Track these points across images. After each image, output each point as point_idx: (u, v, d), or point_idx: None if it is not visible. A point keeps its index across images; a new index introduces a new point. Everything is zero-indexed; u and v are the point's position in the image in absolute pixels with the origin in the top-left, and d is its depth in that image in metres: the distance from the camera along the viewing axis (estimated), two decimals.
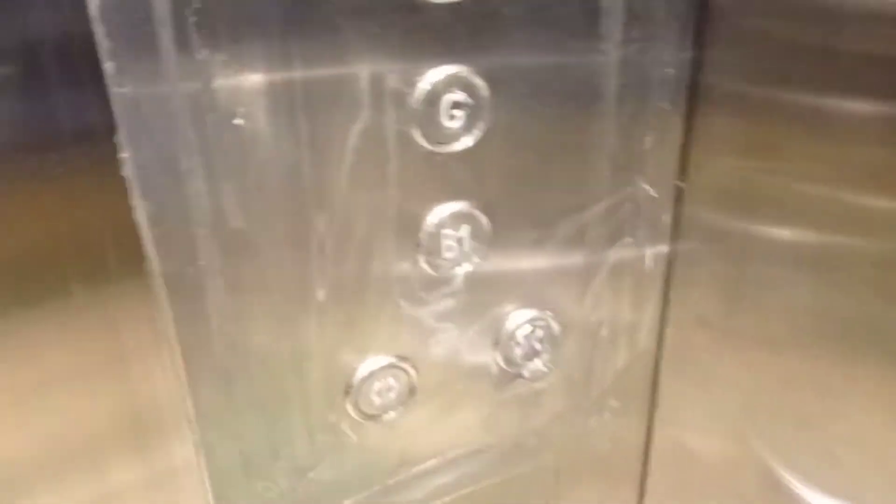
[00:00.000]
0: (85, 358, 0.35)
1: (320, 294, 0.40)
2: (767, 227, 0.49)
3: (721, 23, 0.44)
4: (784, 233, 0.48)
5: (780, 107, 0.45)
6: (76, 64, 0.30)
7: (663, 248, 0.51)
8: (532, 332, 0.48)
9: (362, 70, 0.36)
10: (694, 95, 0.46)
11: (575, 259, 0.48)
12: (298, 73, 0.34)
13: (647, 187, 0.48)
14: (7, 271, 0.33)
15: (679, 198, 0.50)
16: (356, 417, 0.44)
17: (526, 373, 0.49)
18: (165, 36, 0.31)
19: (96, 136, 0.32)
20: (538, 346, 0.49)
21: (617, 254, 0.49)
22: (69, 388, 0.36)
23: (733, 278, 0.51)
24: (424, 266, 0.42)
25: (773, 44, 0.44)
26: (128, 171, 0.32)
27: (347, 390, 0.43)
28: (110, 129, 0.32)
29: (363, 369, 0.43)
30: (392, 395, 0.44)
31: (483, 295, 0.45)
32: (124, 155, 0.32)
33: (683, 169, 0.49)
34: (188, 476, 0.41)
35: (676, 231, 0.51)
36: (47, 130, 0.31)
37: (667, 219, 0.50)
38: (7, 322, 0.33)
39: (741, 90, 0.46)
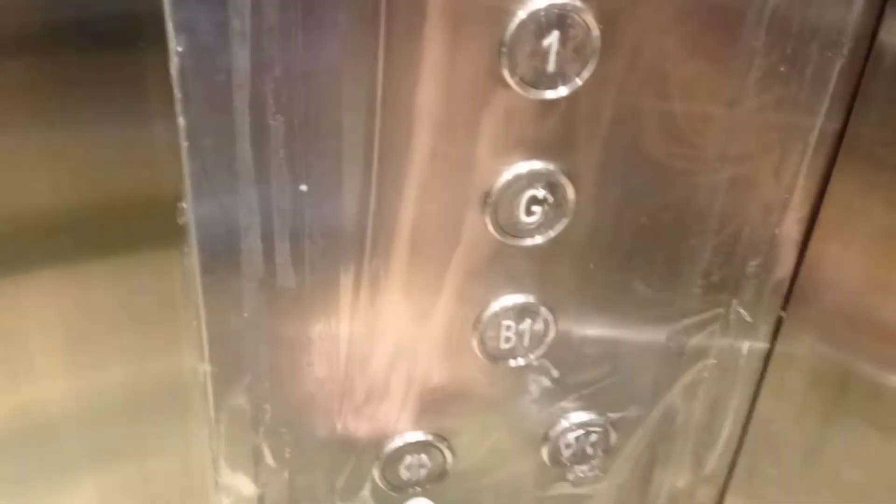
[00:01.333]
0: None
1: (364, 360, 0.39)
2: (872, 374, 0.44)
3: (850, 154, 0.39)
4: (891, 385, 0.43)
5: None
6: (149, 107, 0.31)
7: (751, 375, 0.47)
8: (586, 436, 0.45)
9: (442, 149, 0.34)
10: (812, 225, 0.42)
11: (648, 371, 0.44)
12: (373, 147, 0.33)
13: (742, 312, 0.44)
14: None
15: (778, 328, 0.45)
16: (380, 485, 0.43)
17: (570, 476, 0.46)
18: (239, 98, 0.31)
19: (160, 178, 0.32)
20: (590, 450, 0.46)
21: (697, 372, 0.45)
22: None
23: (822, 421, 0.46)
24: (478, 353, 0.40)
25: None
26: (186, 220, 0.33)
27: (378, 456, 0.42)
28: (175, 178, 0.32)
29: (397, 441, 0.42)
30: (423, 472, 0.43)
31: (537, 391, 0.43)
32: (183, 205, 0.32)
33: (788, 299, 0.44)
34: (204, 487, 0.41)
35: (769, 360, 0.46)
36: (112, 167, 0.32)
37: (760, 347, 0.46)
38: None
39: (864, 223, 0.41)
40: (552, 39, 0.32)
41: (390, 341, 0.39)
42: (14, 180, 0.31)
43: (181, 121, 0.31)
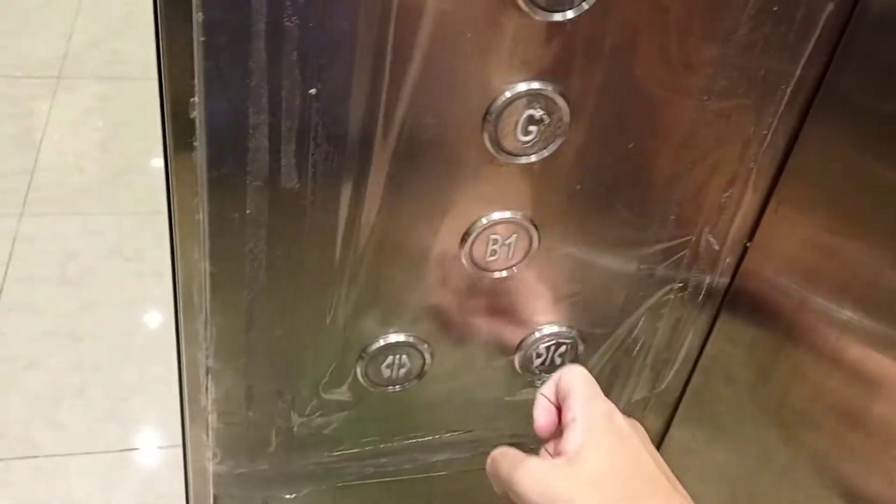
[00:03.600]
0: None
1: (356, 263, 0.41)
2: (825, 305, 0.47)
3: (828, 97, 0.41)
4: (840, 318, 0.46)
5: (870, 186, 0.43)
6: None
7: (713, 300, 0.50)
8: (556, 346, 0.48)
9: (450, 64, 0.35)
10: (785, 161, 0.44)
11: (619, 290, 0.47)
12: (385, 57, 0.34)
13: (711, 239, 0.46)
14: None
15: (743, 256, 0.48)
16: (363, 382, 0.45)
17: (538, 382, 0.49)
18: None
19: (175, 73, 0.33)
20: (558, 360, 0.49)
21: (663, 294, 0.48)
22: None
23: (775, 348, 0.49)
24: (465, 262, 0.42)
25: (877, 123, 0.41)
26: (196, 114, 0.34)
27: (361, 355, 0.44)
28: (188, 71, 0.33)
29: (381, 341, 0.44)
30: (402, 371, 0.45)
31: (516, 302, 0.45)
32: (194, 100, 0.33)
33: (755, 229, 0.47)
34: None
35: (730, 287, 0.49)
36: None
37: (725, 273, 0.48)
38: None
39: (833, 164, 0.43)
40: None
41: (384, 246, 0.40)
42: None
43: (198, 16, 0.31)
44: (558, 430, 0.42)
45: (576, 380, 0.43)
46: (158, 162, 1.80)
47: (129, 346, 1.43)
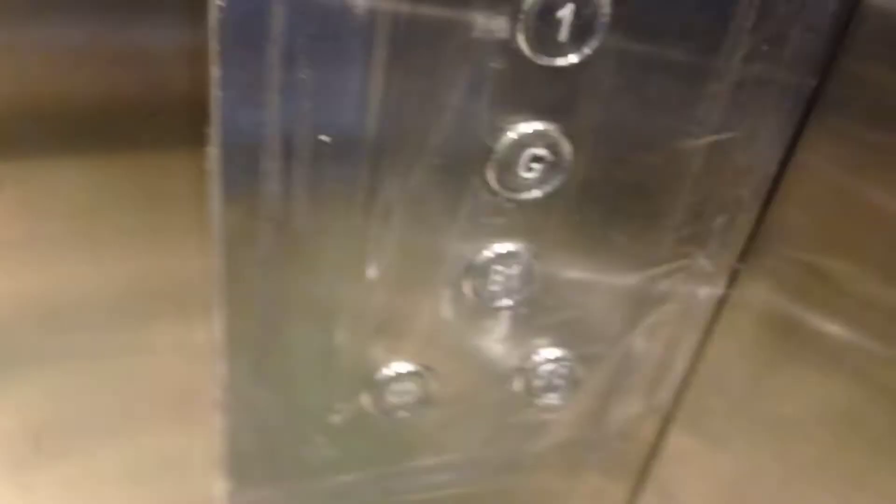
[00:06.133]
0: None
1: (364, 296, 0.42)
2: (814, 322, 0.49)
3: (819, 125, 0.43)
4: (830, 337, 0.48)
5: (859, 211, 0.44)
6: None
7: (705, 319, 0.51)
8: (555, 370, 0.49)
9: (455, 107, 0.36)
10: (776, 188, 0.46)
11: (615, 313, 0.48)
12: (388, 100, 0.35)
13: (705, 262, 0.48)
14: None
15: (734, 278, 0.50)
16: (369, 409, 0.46)
17: (539, 403, 0.51)
18: (274, 52, 0.32)
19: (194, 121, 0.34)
20: (557, 381, 0.50)
21: (658, 315, 0.50)
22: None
23: (765, 361, 0.51)
24: (469, 292, 0.43)
25: (865, 151, 0.43)
26: (212, 166, 0.34)
27: (368, 384, 0.45)
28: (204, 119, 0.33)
29: (389, 370, 0.45)
30: (409, 398, 0.46)
31: (518, 328, 0.46)
32: (211, 148, 0.34)
33: (746, 252, 0.49)
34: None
35: (723, 306, 0.51)
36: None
37: (716, 294, 0.50)
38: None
39: (824, 190, 0.45)
40: (566, 11, 0.34)
41: (391, 280, 0.41)
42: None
43: (216, 71, 0.32)
44: None
45: None
46: None
47: None
